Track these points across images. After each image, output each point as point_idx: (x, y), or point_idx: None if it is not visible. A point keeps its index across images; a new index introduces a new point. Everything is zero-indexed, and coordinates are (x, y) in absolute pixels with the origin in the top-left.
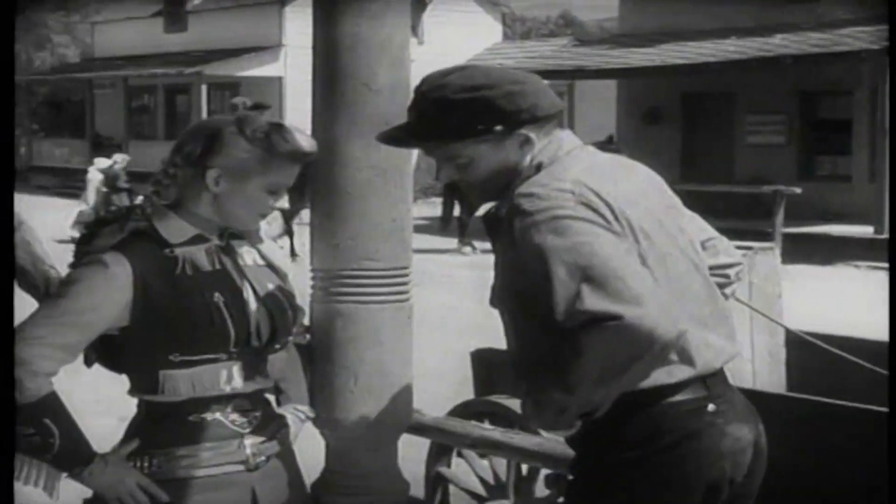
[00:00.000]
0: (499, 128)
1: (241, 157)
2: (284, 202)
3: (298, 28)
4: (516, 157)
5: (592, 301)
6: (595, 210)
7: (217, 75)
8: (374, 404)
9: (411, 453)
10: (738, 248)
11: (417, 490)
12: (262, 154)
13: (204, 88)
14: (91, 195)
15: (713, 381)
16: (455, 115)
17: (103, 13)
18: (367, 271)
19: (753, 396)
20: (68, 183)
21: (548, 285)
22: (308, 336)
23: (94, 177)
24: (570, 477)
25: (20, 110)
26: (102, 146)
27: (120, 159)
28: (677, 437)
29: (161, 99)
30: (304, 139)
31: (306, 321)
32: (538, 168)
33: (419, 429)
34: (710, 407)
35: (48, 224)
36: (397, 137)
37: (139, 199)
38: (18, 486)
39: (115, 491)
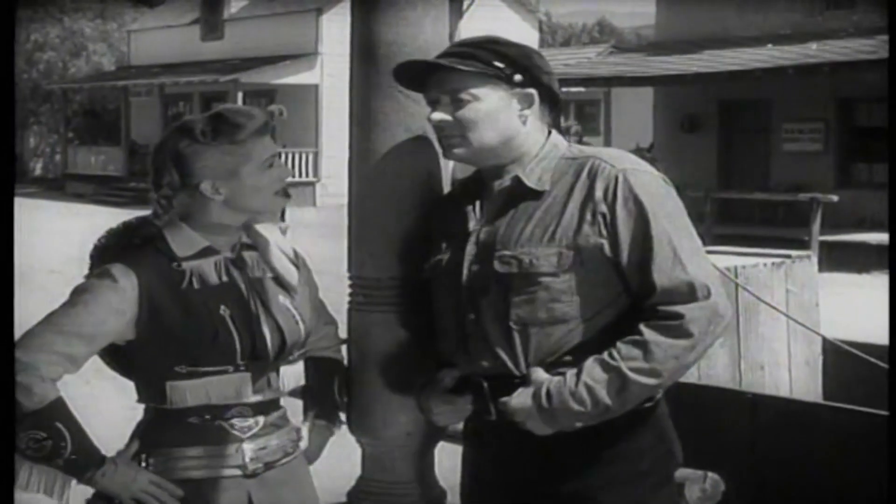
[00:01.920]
0: (519, 77)
1: (215, 160)
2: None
3: (335, 36)
4: (515, 121)
5: (694, 270)
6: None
7: (253, 83)
8: (411, 412)
9: (448, 461)
10: (776, 255)
11: (454, 498)
12: (227, 146)
13: (240, 96)
14: None
15: None
16: (490, 52)
17: (140, 21)
18: (404, 279)
19: (790, 405)
20: (104, 191)
21: (651, 245)
22: (345, 348)
23: None
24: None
25: (56, 118)
26: (138, 154)
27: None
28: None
29: (197, 107)
30: (248, 112)
31: (343, 332)
32: (553, 147)
33: (456, 437)
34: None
35: (86, 231)
36: (411, 71)
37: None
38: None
39: (129, 490)
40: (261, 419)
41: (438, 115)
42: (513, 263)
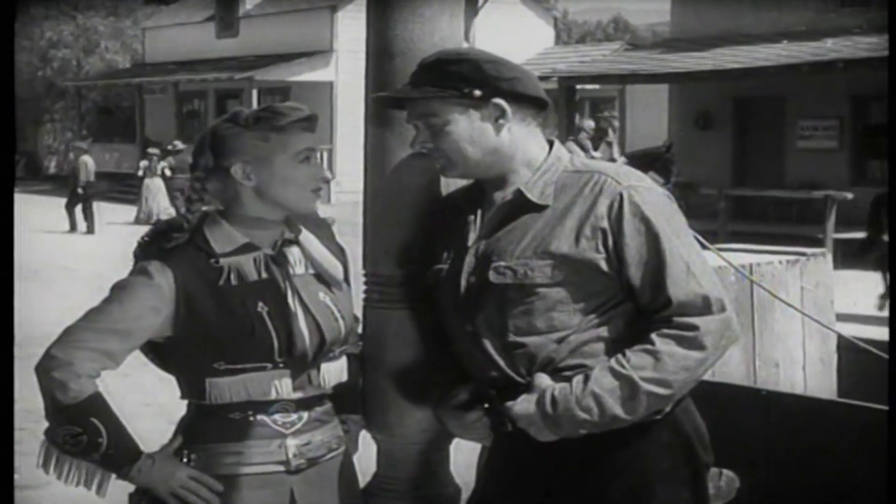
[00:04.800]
0: (477, 92)
1: (250, 145)
2: None
3: (350, 33)
4: (492, 134)
5: (708, 284)
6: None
7: (268, 80)
8: (426, 409)
9: (463, 458)
10: (790, 253)
11: (468, 495)
12: (266, 133)
13: (255, 93)
14: None
15: None
16: (442, 73)
17: (155, 18)
18: (419, 277)
19: (805, 402)
20: (119, 188)
21: (664, 260)
22: (361, 343)
23: None
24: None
25: (70, 115)
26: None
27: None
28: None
29: (212, 104)
30: (295, 105)
31: (359, 327)
32: (556, 160)
33: None
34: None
35: (101, 228)
36: (391, 97)
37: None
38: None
39: (168, 486)
40: (304, 415)
41: (421, 143)
42: (507, 274)
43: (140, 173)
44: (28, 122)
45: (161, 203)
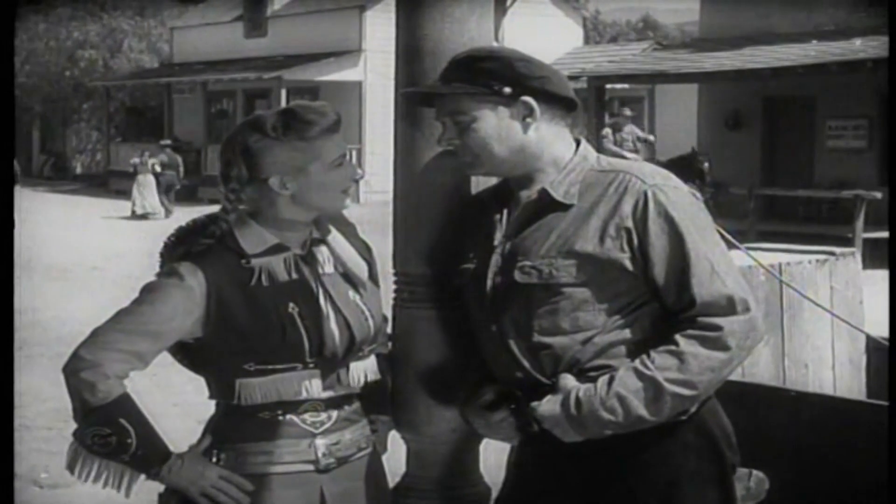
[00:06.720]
0: (507, 90)
1: (284, 156)
2: None
3: (378, 33)
4: (519, 133)
5: (732, 284)
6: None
7: (297, 80)
8: (455, 409)
9: (493, 458)
10: (820, 253)
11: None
12: (298, 143)
13: (283, 93)
14: None
15: None
16: (473, 70)
17: (183, 18)
18: (449, 276)
19: (834, 403)
20: None
21: (688, 260)
22: (390, 344)
23: None
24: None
25: (98, 115)
26: (181, 151)
27: None
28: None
29: (240, 104)
30: (320, 109)
31: (388, 328)
32: (582, 159)
33: None
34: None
35: (129, 228)
36: (419, 93)
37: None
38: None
39: (198, 486)
40: (333, 414)
41: (448, 140)
42: (532, 274)
43: (131, 170)
44: (56, 122)
45: (151, 199)
